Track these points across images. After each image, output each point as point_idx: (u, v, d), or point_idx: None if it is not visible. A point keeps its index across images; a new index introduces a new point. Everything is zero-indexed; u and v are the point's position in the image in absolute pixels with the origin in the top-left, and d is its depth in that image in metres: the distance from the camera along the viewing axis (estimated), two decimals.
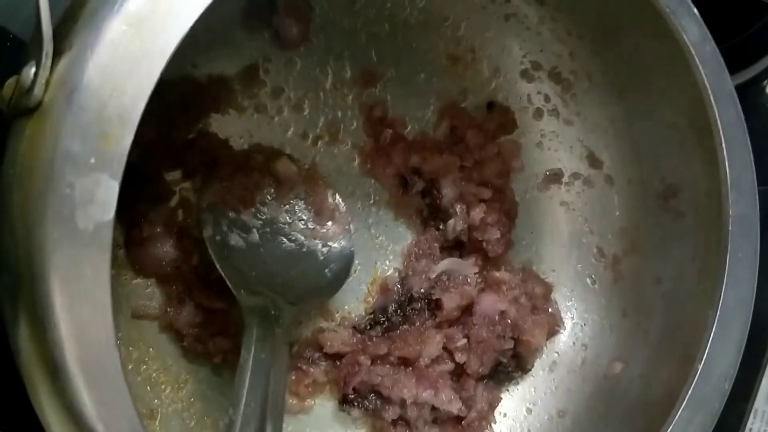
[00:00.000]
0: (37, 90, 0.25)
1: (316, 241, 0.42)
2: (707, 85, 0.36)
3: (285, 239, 0.41)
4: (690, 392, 0.35)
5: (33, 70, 0.25)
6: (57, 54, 0.25)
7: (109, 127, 0.24)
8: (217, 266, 0.37)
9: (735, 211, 0.36)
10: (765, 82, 0.56)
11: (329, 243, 0.42)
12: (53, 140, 0.24)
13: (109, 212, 0.24)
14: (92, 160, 0.24)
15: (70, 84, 0.24)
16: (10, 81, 0.26)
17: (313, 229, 0.42)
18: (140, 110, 0.25)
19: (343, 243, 0.42)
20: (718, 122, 0.36)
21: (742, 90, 0.37)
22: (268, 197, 0.41)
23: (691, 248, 0.40)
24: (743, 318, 0.36)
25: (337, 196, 0.43)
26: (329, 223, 0.42)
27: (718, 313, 0.36)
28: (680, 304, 0.40)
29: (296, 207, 0.42)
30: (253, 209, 0.40)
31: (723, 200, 0.37)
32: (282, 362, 0.36)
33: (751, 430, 0.49)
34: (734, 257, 0.36)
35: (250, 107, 0.42)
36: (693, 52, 0.35)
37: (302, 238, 0.41)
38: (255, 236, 0.40)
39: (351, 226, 0.43)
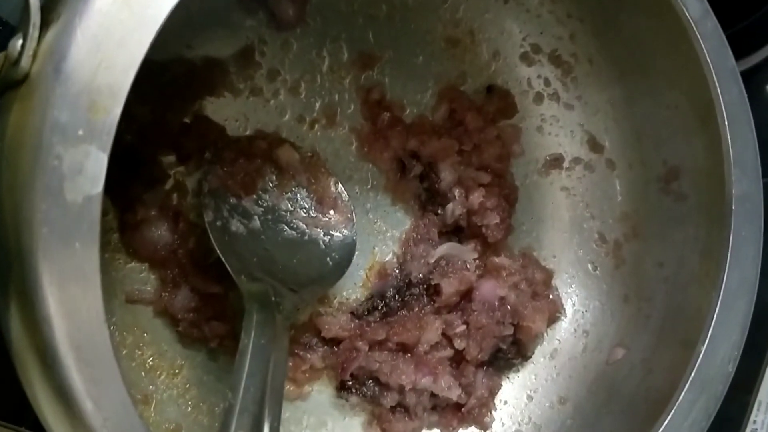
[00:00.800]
0: (24, 61, 0.24)
1: (318, 230, 0.41)
2: (709, 62, 0.35)
3: (286, 227, 0.40)
4: (693, 375, 0.35)
5: (20, 42, 0.25)
6: (45, 25, 0.25)
7: (99, 97, 0.24)
8: (218, 251, 0.37)
9: (738, 191, 0.36)
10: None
11: (331, 232, 0.42)
12: (41, 111, 0.24)
13: (98, 185, 0.24)
14: (81, 132, 0.24)
15: (57, 54, 0.24)
16: None
17: (315, 217, 0.42)
18: (130, 80, 0.24)
19: (345, 232, 0.42)
20: (720, 99, 0.35)
21: (743, 79, 0.37)
22: (270, 184, 0.41)
23: (693, 231, 0.39)
24: (747, 298, 0.36)
25: (340, 185, 0.43)
26: (331, 212, 0.42)
27: (722, 294, 0.35)
28: (682, 287, 0.40)
29: (298, 195, 0.41)
30: (255, 196, 0.40)
31: (726, 180, 0.36)
32: (282, 348, 0.35)
33: (755, 421, 0.48)
34: (737, 237, 0.36)
35: (245, 90, 0.41)
36: (694, 28, 0.35)
37: (304, 226, 0.41)
38: (256, 223, 0.39)
39: (354, 215, 0.42)
